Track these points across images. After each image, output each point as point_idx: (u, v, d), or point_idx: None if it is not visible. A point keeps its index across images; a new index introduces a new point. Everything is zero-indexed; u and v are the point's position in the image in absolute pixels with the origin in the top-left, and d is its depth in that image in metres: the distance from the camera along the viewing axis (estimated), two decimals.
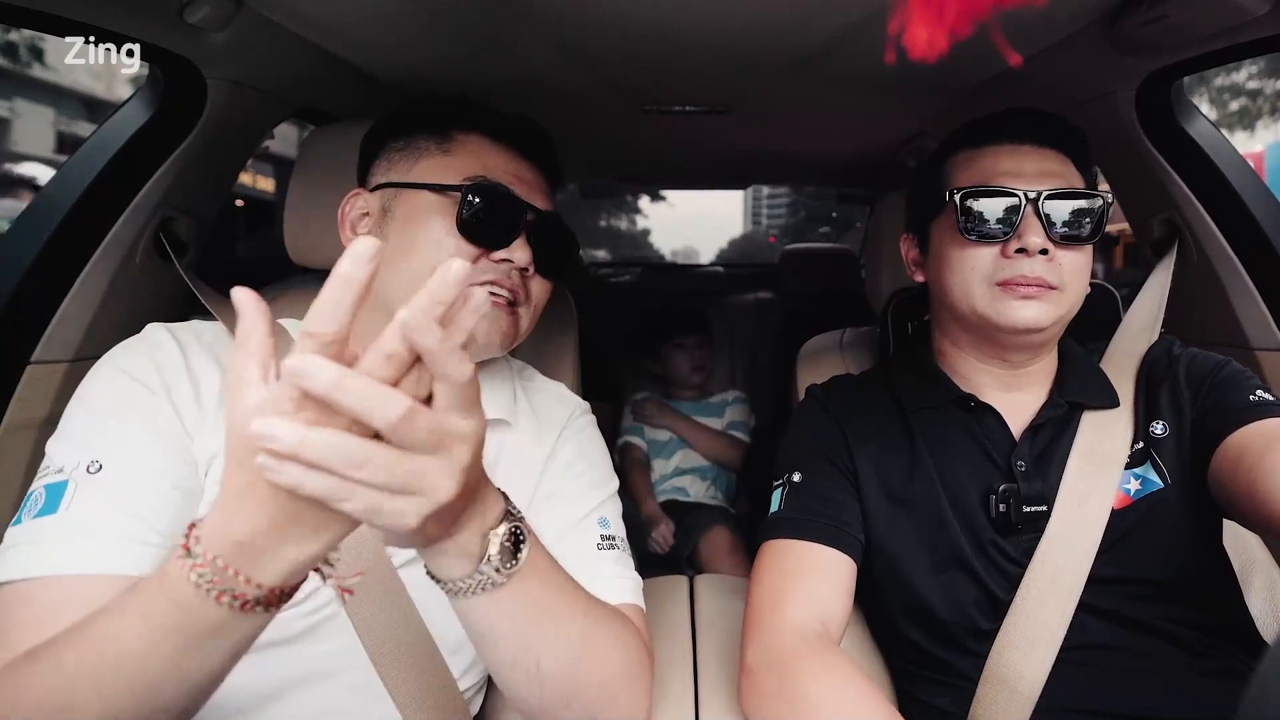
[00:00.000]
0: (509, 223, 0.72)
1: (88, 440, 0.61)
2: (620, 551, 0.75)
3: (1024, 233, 0.73)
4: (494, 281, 0.71)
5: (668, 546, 1.75)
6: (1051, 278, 0.73)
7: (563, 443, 0.80)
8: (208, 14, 0.82)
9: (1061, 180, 0.75)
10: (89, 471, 0.59)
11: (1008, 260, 0.74)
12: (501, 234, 0.71)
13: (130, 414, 0.62)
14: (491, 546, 0.49)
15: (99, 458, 0.59)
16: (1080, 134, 0.81)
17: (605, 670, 0.61)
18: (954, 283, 0.78)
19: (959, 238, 0.77)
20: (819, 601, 0.73)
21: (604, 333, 2.12)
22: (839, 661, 0.67)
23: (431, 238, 0.70)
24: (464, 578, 0.49)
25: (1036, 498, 0.76)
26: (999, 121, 0.80)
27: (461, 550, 0.48)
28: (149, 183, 0.96)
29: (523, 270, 0.73)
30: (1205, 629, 0.72)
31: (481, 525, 0.49)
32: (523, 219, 0.72)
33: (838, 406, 0.87)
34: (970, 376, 0.83)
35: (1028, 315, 0.73)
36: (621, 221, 21.19)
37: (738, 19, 0.91)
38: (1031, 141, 0.78)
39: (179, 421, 0.63)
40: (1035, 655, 0.71)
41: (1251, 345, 1.03)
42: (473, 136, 0.75)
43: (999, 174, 0.76)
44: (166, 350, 0.67)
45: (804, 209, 20.92)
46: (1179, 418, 0.77)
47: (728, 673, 0.78)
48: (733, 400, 2.03)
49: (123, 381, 0.64)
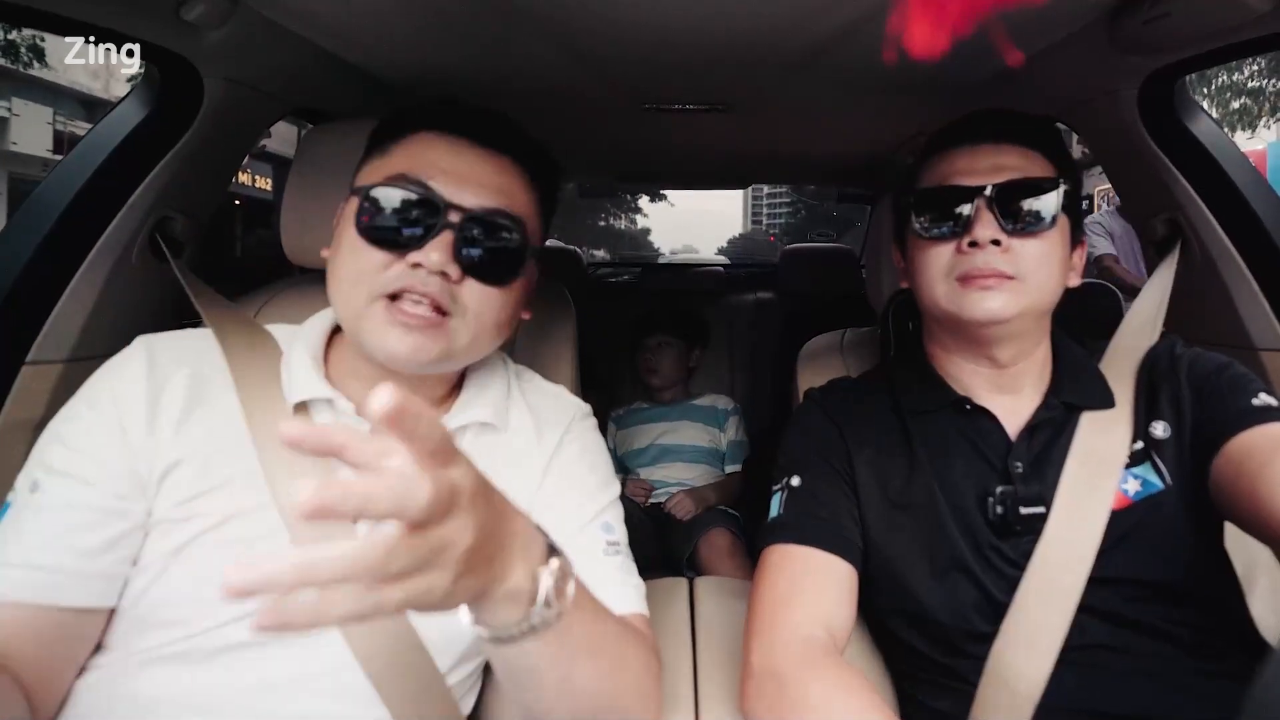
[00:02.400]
0: (420, 223, 0.65)
1: (38, 460, 0.64)
2: (624, 557, 0.74)
3: (974, 225, 0.75)
4: (406, 289, 0.64)
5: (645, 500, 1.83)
6: (1008, 268, 0.74)
7: (564, 446, 0.79)
8: (204, 11, 0.82)
9: (1017, 173, 0.76)
10: (30, 492, 0.62)
11: (963, 255, 0.76)
12: (406, 235, 0.65)
13: (75, 439, 0.65)
14: (543, 584, 0.47)
15: (38, 480, 0.63)
16: (1046, 125, 0.81)
17: (630, 688, 0.61)
18: (921, 283, 0.80)
19: (919, 239, 0.80)
20: (823, 608, 0.73)
21: (602, 331, 2.12)
22: (844, 671, 0.67)
23: (348, 243, 0.67)
24: (518, 622, 0.47)
25: (1034, 499, 0.75)
26: (963, 125, 0.82)
27: (511, 595, 0.46)
28: (145, 182, 0.96)
29: (444, 275, 0.65)
30: (1206, 630, 0.72)
31: (527, 563, 0.47)
32: (441, 218, 0.65)
33: (837, 410, 0.86)
34: (962, 379, 0.83)
35: (990, 306, 0.74)
36: (621, 221, 21.14)
37: (738, 18, 0.91)
38: (988, 140, 0.79)
39: (124, 445, 0.64)
40: (1035, 657, 0.71)
41: (1255, 345, 1.03)
42: (419, 135, 0.70)
43: (954, 174, 0.78)
44: (133, 368, 0.68)
45: (804, 209, 20.92)
46: (1180, 419, 0.77)
47: (728, 675, 0.78)
48: (731, 409, 2.03)
49: (79, 406, 0.67)
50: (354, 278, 0.66)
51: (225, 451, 0.66)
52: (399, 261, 0.65)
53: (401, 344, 0.65)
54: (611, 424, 2.08)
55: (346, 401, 0.71)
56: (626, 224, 21.10)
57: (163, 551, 0.63)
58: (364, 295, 0.65)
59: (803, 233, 18.02)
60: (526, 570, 0.47)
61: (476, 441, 0.76)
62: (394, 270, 0.65)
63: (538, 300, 0.82)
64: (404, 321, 0.64)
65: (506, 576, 0.45)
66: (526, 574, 0.47)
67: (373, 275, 0.65)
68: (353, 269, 0.66)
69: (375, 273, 0.65)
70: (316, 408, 0.71)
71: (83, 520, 0.62)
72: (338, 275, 0.68)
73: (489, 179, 0.70)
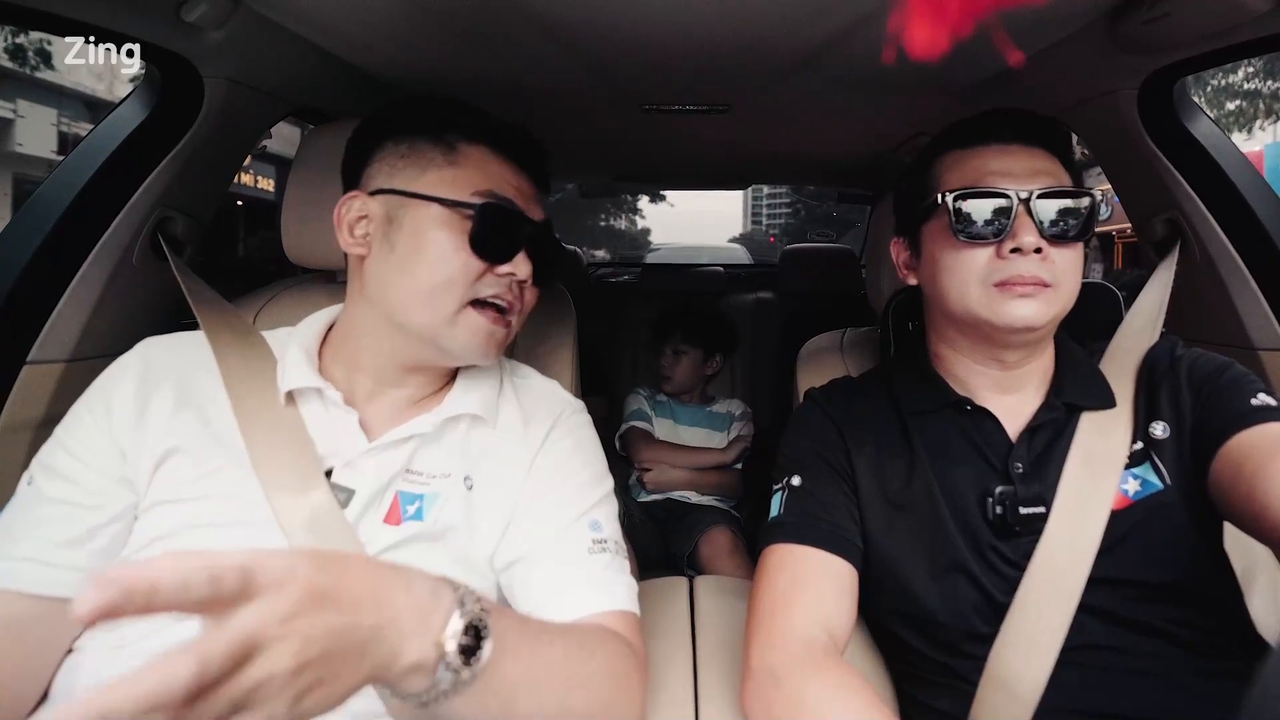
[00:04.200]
0: (513, 237, 0.73)
1: (38, 458, 0.69)
2: (613, 555, 0.74)
3: (1018, 232, 0.73)
4: (497, 295, 0.73)
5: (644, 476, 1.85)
6: (1046, 275, 0.74)
7: (551, 441, 0.79)
8: (205, 12, 0.82)
9: (1051, 179, 0.76)
10: (28, 484, 0.68)
11: (1003, 261, 0.74)
12: (508, 248, 0.73)
13: (68, 438, 0.69)
14: (448, 651, 0.46)
15: (33, 475, 0.68)
16: (1066, 132, 0.81)
17: (595, 699, 0.61)
18: (950, 285, 0.78)
19: (952, 240, 0.77)
20: (823, 609, 0.73)
21: (602, 331, 2.12)
22: (844, 671, 0.67)
23: (441, 251, 0.70)
24: (428, 689, 0.46)
25: (1034, 500, 0.75)
26: (987, 122, 0.80)
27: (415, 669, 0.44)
28: (146, 182, 0.96)
29: (521, 281, 0.74)
30: (1206, 630, 0.72)
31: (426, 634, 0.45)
32: (524, 233, 0.74)
33: (836, 410, 0.86)
34: (965, 379, 0.83)
35: (1026, 313, 0.73)
36: (621, 221, 21.17)
37: (738, 20, 0.91)
38: (1020, 141, 0.78)
39: (113, 444, 0.68)
40: (1035, 657, 0.71)
41: (1254, 345, 1.03)
42: (477, 148, 0.75)
43: (989, 174, 0.77)
44: (128, 370, 0.72)
45: (803, 209, 20.93)
46: (1179, 419, 0.77)
47: (728, 674, 0.78)
48: (739, 414, 2.02)
49: (79, 408, 0.71)
50: (445, 283, 0.70)
51: (217, 440, 0.70)
52: (490, 272, 0.72)
53: (488, 344, 0.73)
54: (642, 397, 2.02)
55: (335, 391, 0.73)
56: (627, 224, 21.11)
57: (151, 536, 0.66)
58: (455, 301, 0.71)
59: (802, 233, 18.01)
60: (426, 641, 0.45)
61: (470, 433, 0.77)
62: (486, 279, 0.72)
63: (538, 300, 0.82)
64: (490, 329, 0.73)
65: (397, 657, 0.43)
66: (427, 644, 0.45)
67: (468, 283, 0.71)
68: (444, 275, 0.70)
69: (470, 280, 0.71)
70: (306, 397, 0.74)
71: (61, 514, 0.66)
72: (416, 279, 0.71)
73: (534, 194, 0.78)
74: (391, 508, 0.71)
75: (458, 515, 0.72)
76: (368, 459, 0.71)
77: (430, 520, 0.71)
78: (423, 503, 0.72)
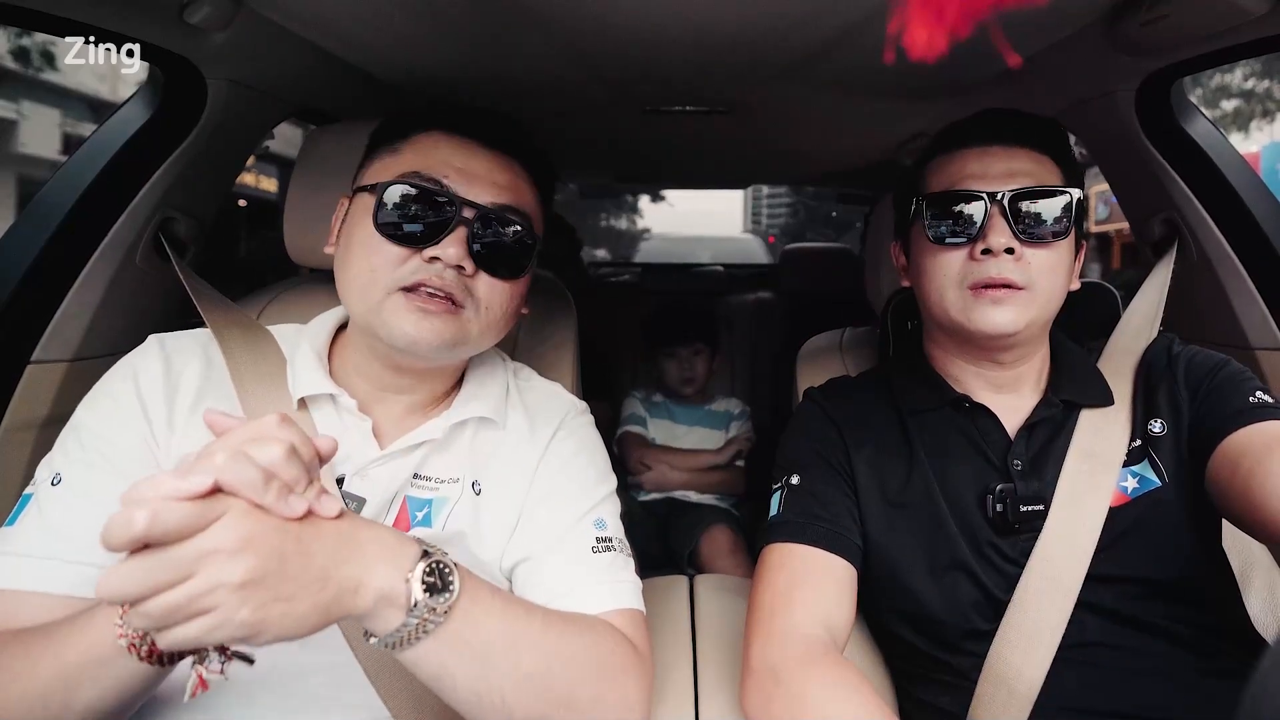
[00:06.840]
0: (437, 218, 0.68)
1: (60, 453, 0.66)
2: (617, 553, 0.74)
3: (988, 233, 0.73)
4: (422, 282, 0.67)
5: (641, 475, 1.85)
6: (1019, 278, 0.73)
7: (557, 442, 0.79)
8: (208, 14, 0.82)
9: (1030, 179, 0.75)
10: (52, 484, 0.64)
11: (975, 263, 0.74)
12: (429, 230, 0.68)
13: (96, 429, 0.66)
14: (414, 587, 0.51)
15: (60, 472, 0.64)
16: (1056, 129, 0.80)
17: (580, 685, 0.61)
18: (929, 288, 0.79)
19: (929, 243, 0.78)
20: (823, 607, 0.73)
21: (603, 332, 2.12)
22: (843, 669, 0.67)
23: (361, 239, 0.69)
24: (400, 627, 0.50)
25: (1033, 497, 0.76)
26: (969, 125, 0.81)
27: (384, 599, 0.50)
28: (149, 183, 0.97)
29: (459, 269, 0.68)
30: (1204, 628, 0.72)
31: (393, 568, 0.50)
32: (456, 214, 0.68)
33: (836, 409, 0.87)
34: (962, 379, 0.84)
35: (1000, 320, 0.73)
36: (621, 221, 21.18)
37: (738, 21, 0.91)
38: (1000, 142, 0.78)
39: (150, 437, 0.67)
40: (1034, 654, 0.71)
41: (1251, 345, 1.03)
42: (427, 135, 0.72)
43: (966, 177, 0.77)
44: (151, 364, 0.70)
45: (803, 210, 20.92)
46: (1177, 416, 0.77)
47: (728, 673, 0.78)
48: (738, 414, 2.02)
49: (100, 399, 0.69)
50: (370, 272, 0.68)
51: None
52: (415, 256, 0.68)
53: (419, 328, 0.67)
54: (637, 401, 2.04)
55: (349, 398, 0.72)
56: (627, 224, 21.11)
57: None
58: (381, 289, 0.67)
59: (802, 234, 18.00)
60: (393, 571, 0.50)
61: (477, 437, 0.77)
62: (410, 264, 0.67)
63: (538, 300, 0.82)
64: (421, 307, 0.67)
65: (362, 583, 0.49)
66: (395, 576, 0.50)
67: (390, 270, 0.67)
68: (368, 264, 0.68)
69: (392, 267, 0.67)
70: (319, 403, 0.72)
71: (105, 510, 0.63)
72: (350, 270, 0.69)
73: (498, 176, 0.72)
74: (400, 514, 0.71)
75: (466, 520, 0.72)
76: (380, 467, 0.71)
77: (438, 526, 0.71)
78: (430, 508, 0.72)
